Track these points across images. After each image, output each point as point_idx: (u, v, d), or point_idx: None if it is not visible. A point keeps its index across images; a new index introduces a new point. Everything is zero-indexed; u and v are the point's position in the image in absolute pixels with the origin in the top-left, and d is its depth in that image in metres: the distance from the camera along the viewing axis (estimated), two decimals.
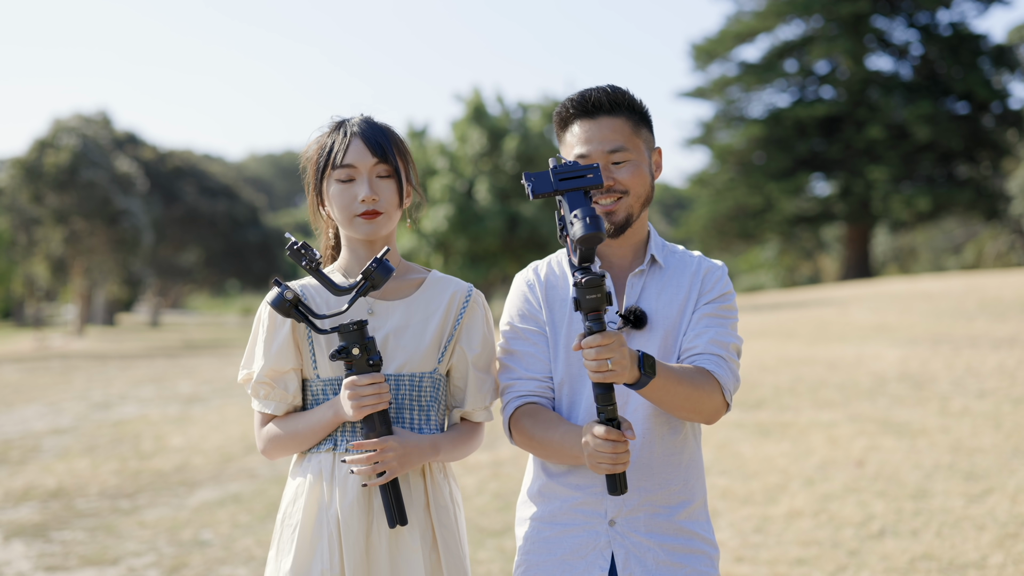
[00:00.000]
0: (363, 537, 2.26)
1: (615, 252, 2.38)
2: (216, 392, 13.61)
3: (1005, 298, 15.97)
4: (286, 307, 2.24)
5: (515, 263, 29.33)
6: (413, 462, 2.25)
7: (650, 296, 2.34)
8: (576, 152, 2.32)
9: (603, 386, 2.07)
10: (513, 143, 29.22)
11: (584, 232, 1.97)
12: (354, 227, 2.33)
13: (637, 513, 2.27)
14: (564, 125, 2.37)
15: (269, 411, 2.37)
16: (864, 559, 4.94)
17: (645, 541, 2.26)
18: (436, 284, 2.42)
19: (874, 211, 35.66)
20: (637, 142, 2.32)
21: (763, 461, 6.97)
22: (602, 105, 2.31)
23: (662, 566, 2.26)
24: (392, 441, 2.22)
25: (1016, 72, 35.94)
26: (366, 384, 2.19)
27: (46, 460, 8.99)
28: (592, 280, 2.00)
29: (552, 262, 2.45)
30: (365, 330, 2.20)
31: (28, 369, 19.39)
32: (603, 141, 2.29)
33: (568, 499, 2.30)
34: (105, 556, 5.77)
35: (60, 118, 35.87)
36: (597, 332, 2.03)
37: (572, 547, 2.28)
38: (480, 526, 5.88)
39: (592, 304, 2.02)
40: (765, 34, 37.42)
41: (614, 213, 2.30)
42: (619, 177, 2.29)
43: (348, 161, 2.31)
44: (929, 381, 9.36)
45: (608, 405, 2.07)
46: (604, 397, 2.07)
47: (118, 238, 34.26)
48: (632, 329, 2.30)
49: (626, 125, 2.32)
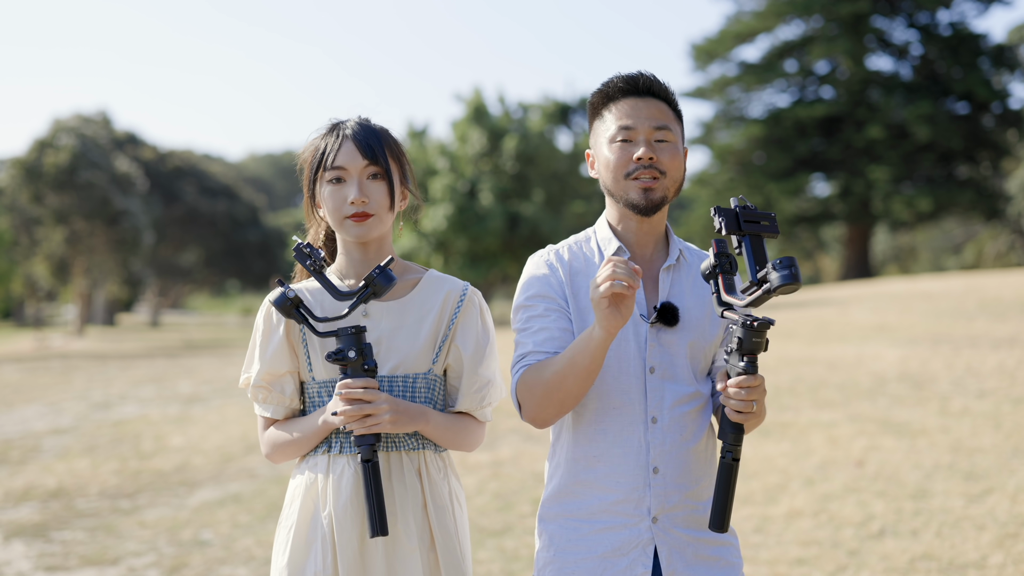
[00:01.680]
0: (356, 538, 2.25)
1: (639, 240, 2.35)
2: (216, 392, 13.61)
3: (1005, 298, 15.97)
4: (288, 307, 2.24)
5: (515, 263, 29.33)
6: (404, 423, 2.23)
7: (681, 294, 2.33)
8: (622, 123, 2.29)
9: (737, 426, 2.12)
10: (513, 143, 29.23)
11: (785, 282, 1.99)
12: (344, 229, 2.33)
13: (679, 509, 2.28)
14: (607, 101, 2.34)
15: (268, 415, 2.37)
16: (864, 559, 4.94)
17: (685, 536, 2.28)
18: (431, 284, 2.40)
19: (874, 211, 35.68)
20: (678, 130, 2.33)
21: (763, 461, 6.97)
22: (653, 87, 2.33)
23: (700, 560, 2.29)
24: (386, 396, 2.21)
25: (1016, 72, 35.95)
26: (359, 387, 2.19)
27: (46, 460, 8.99)
28: (764, 324, 2.06)
29: (572, 247, 2.39)
30: (363, 335, 2.21)
31: (28, 369, 19.39)
32: (650, 117, 2.29)
33: (607, 496, 2.29)
34: (105, 556, 5.77)
35: (60, 118, 35.89)
36: (750, 374, 2.08)
37: (614, 544, 2.27)
38: (480, 526, 5.88)
39: (753, 347, 2.07)
40: (765, 34, 37.43)
41: (652, 190, 2.27)
42: (661, 157, 2.27)
43: (338, 163, 2.31)
44: (929, 381, 9.36)
45: (736, 445, 2.13)
46: (736, 437, 2.12)
47: (118, 238, 34.28)
48: (663, 326, 2.28)
49: (670, 112, 2.33)
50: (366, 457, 2.20)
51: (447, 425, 2.34)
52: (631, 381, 2.28)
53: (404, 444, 2.31)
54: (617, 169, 2.28)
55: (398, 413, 2.22)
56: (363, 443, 2.20)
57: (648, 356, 2.28)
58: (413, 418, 2.26)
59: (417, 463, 2.33)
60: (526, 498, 6.48)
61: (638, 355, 2.28)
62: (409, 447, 2.32)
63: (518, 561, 5.24)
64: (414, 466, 2.32)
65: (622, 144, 2.28)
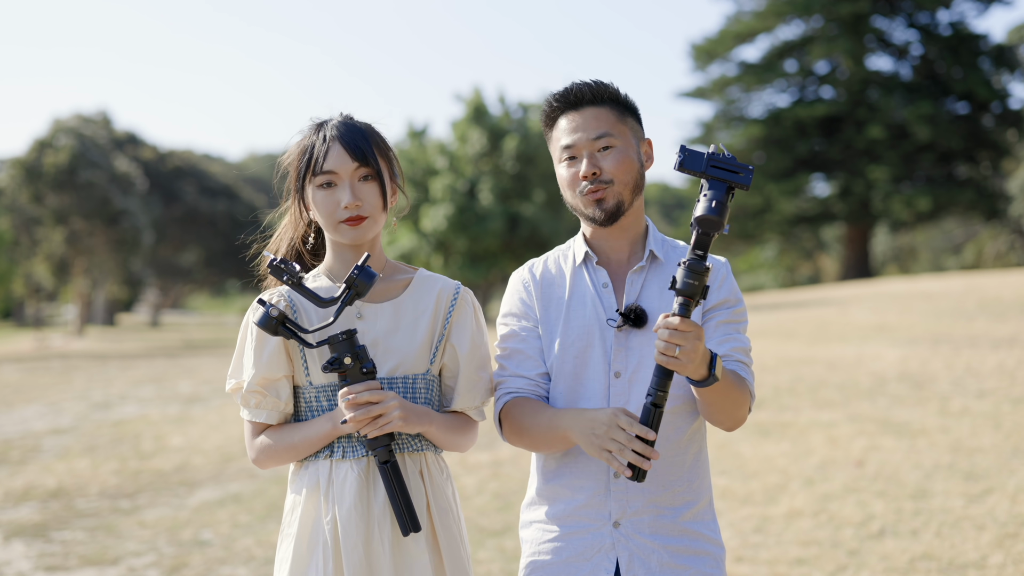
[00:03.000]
0: (362, 544, 2.23)
1: (611, 246, 2.36)
2: (216, 392, 13.60)
3: (1005, 298, 15.97)
4: (273, 325, 2.20)
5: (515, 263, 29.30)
6: (412, 421, 2.22)
7: (651, 295, 2.32)
8: (563, 143, 2.31)
9: (663, 370, 2.06)
10: (513, 143, 29.21)
11: (704, 213, 1.97)
12: (339, 233, 2.30)
13: (642, 515, 2.25)
14: (551, 122, 2.37)
15: (261, 420, 2.32)
16: (864, 559, 4.94)
17: (649, 543, 2.25)
18: (423, 283, 2.39)
19: (874, 211, 35.66)
20: (623, 129, 2.31)
21: (763, 461, 6.97)
22: (585, 96, 2.32)
23: (666, 568, 2.24)
24: (394, 394, 2.20)
25: (1016, 72, 35.94)
26: (362, 391, 2.16)
27: (46, 460, 8.99)
28: (697, 265, 2.00)
29: (549, 260, 2.43)
30: (355, 339, 2.17)
31: (28, 369, 19.39)
32: (588, 129, 2.29)
33: (571, 501, 2.29)
34: (105, 556, 5.77)
35: (60, 118, 35.86)
36: (679, 316, 2.01)
37: (578, 549, 2.27)
38: (480, 526, 5.88)
39: (688, 289, 2.01)
40: (765, 34, 37.40)
41: (604, 201, 2.28)
42: (604, 165, 2.27)
43: (328, 167, 2.28)
44: (929, 381, 9.36)
45: (660, 391, 2.06)
46: (660, 382, 2.05)
47: (118, 238, 34.26)
48: (632, 328, 2.28)
49: (611, 114, 2.31)
50: (383, 459, 2.19)
51: (448, 426, 2.33)
52: (594, 386, 2.29)
53: (407, 446, 2.30)
54: (569, 188, 2.32)
55: (407, 410, 2.21)
56: (378, 445, 2.19)
57: (614, 361, 2.28)
58: (420, 417, 2.25)
59: (419, 465, 2.32)
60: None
61: (603, 360, 2.29)
62: (411, 448, 2.30)
63: (518, 561, 5.23)
64: (416, 468, 2.31)
65: (568, 163, 2.32)
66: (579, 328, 2.31)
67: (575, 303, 2.34)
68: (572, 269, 2.38)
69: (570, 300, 2.34)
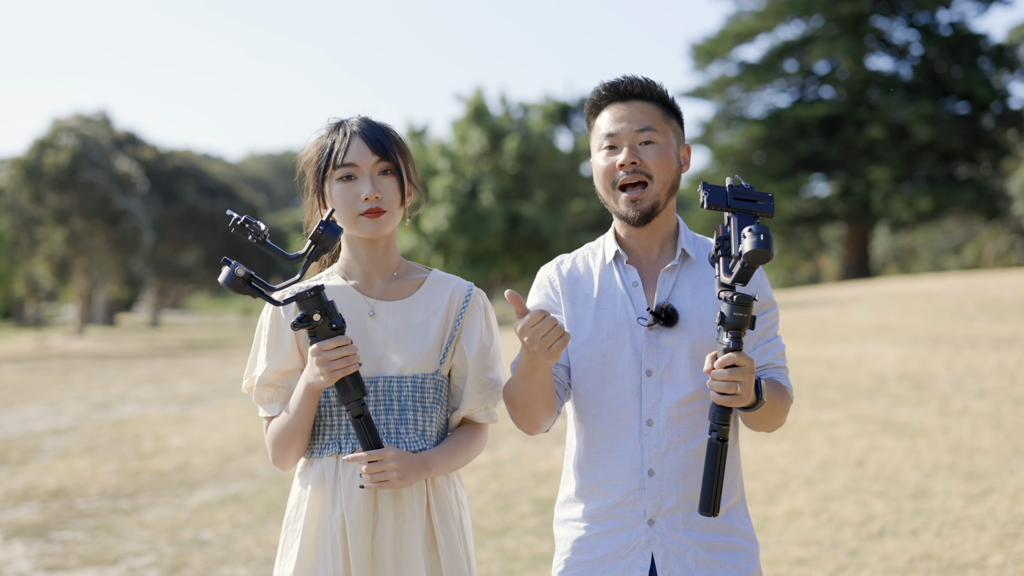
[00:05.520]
0: (368, 540, 2.25)
1: (642, 244, 2.36)
2: (216, 392, 13.60)
3: (1005, 298, 15.97)
4: (239, 284, 2.19)
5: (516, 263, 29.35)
6: (411, 477, 2.23)
7: (683, 294, 2.31)
8: (605, 131, 2.31)
9: (724, 407, 2.08)
10: (514, 143, 29.23)
11: (754, 247, 1.98)
12: (358, 226, 2.31)
13: (676, 512, 2.26)
14: (596, 111, 2.37)
15: (276, 412, 2.33)
16: (864, 559, 4.94)
17: (684, 539, 2.26)
18: (436, 283, 2.39)
19: (874, 211, 35.65)
20: (667, 128, 2.32)
21: (763, 461, 6.97)
22: (634, 90, 2.33)
23: (702, 564, 2.26)
24: (392, 451, 2.20)
25: (1016, 72, 35.93)
26: (332, 348, 2.15)
27: (46, 460, 8.99)
28: (745, 298, 2.02)
29: (577, 257, 2.43)
30: (323, 295, 2.15)
31: (28, 369, 19.39)
32: (633, 121, 2.30)
33: (605, 499, 2.30)
34: (105, 556, 5.77)
35: (60, 118, 35.84)
36: (734, 351, 2.03)
37: (612, 548, 2.28)
38: (480, 526, 5.88)
39: (738, 323, 2.03)
40: (765, 34, 37.39)
41: (640, 200, 2.28)
42: (645, 159, 2.27)
43: (349, 160, 2.29)
44: (929, 381, 9.36)
45: (723, 425, 2.07)
46: (722, 416, 2.07)
47: (118, 238, 34.26)
48: (663, 327, 2.28)
49: (657, 111, 2.32)
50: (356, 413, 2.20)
51: (448, 458, 2.33)
52: (625, 385, 2.29)
53: (411, 446, 2.30)
54: (605, 178, 2.31)
55: (405, 469, 2.21)
56: (350, 400, 2.18)
57: (645, 359, 2.28)
58: (418, 470, 2.25)
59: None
60: (526, 498, 6.48)
61: (634, 358, 2.28)
62: (414, 448, 2.30)
63: (518, 561, 5.24)
64: (417, 482, 2.30)
65: (607, 151, 2.31)
66: (609, 326, 2.31)
67: (604, 301, 2.34)
68: (601, 267, 2.38)
69: (599, 298, 2.34)
